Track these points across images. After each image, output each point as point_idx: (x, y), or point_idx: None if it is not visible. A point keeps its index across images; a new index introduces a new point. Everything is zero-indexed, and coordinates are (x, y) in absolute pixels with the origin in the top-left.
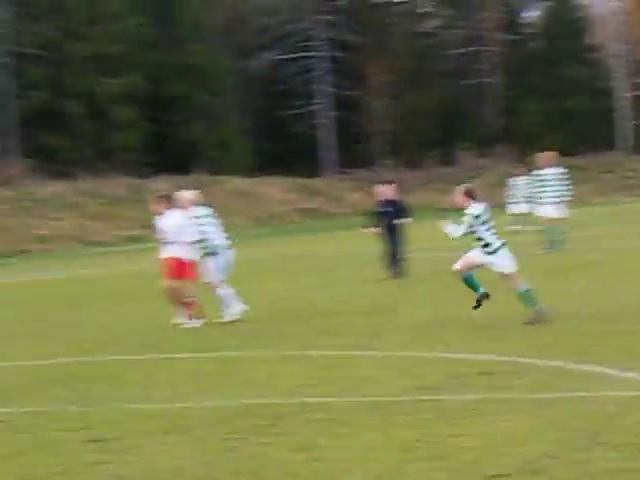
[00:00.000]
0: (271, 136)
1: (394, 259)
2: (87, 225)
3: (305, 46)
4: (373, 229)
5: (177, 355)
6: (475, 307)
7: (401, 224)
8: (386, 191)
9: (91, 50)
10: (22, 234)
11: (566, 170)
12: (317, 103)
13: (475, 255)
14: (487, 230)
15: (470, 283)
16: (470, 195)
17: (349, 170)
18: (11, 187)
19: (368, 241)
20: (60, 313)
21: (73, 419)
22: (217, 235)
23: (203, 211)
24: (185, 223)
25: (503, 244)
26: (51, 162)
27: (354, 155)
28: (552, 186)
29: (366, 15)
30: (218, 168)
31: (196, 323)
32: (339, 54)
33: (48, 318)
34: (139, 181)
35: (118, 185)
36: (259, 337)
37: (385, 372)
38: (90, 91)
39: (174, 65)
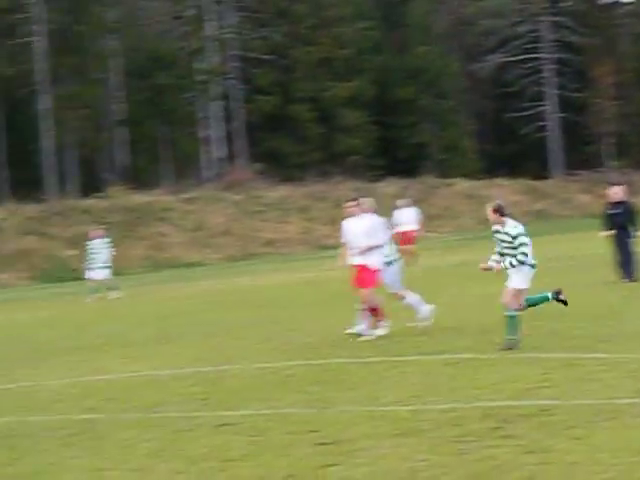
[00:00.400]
0: (498, 138)
1: (625, 262)
2: (314, 229)
3: (531, 48)
4: (608, 232)
5: (406, 357)
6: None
7: (632, 225)
8: (616, 193)
9: (318, 54)
10: (250, 238)
11: None
12: (544, 105)
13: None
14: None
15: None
16: (500, 212)
17: (577, 172)
18: (240, 191)
19: (597, 243)
20: (286, 316)
21: (303, 421)
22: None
23: (376, 219)
24: (372, 228)
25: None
26: (279, 166)
27: (582, 157)
28: None
29: (593, 16)
30: (445, 170)
31: (381, 331)
32: (565, 56)
33: (277, 320)
34: (367, 185)
35: (345, 189)
36: (488, 339)
37: (613, 375)
38: (318, 95)
39: (400, 68)
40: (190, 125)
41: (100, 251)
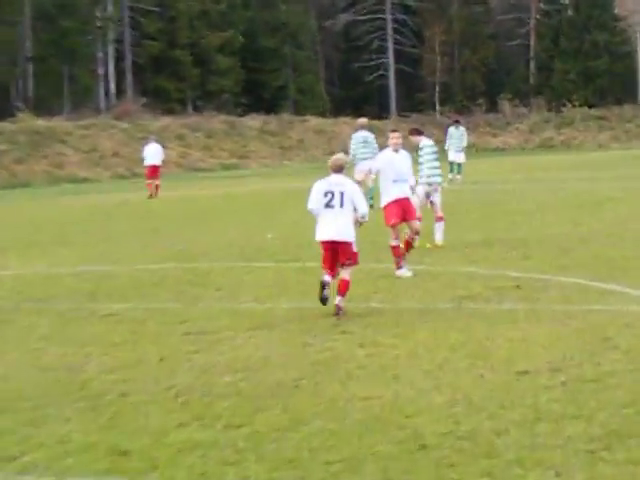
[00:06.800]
0: (345, 84)
1: None
2: (190, 154)
3: (376, 9)
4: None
5: (263, 264)
6: None
7: None
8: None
9: (198, 7)
10: (135, 160)
11: None
12: (384, 57)
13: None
14: None
15: None
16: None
17: (409, 114)
18: (127, 121)
19: None
20: (164, 227)
21: (174, 315)
22: None
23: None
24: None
25: None
26: (161, 101)
27: (413, 102)
28: None
29: None
30: (300, 109)
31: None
32: (404, 17)
33: (158, 231)
34: (234, 118)
35: (216, 121)
36: None
37: (434, 284)
38: (197, 42)
39: (267, 22)
40: (89, 63)
41: None
